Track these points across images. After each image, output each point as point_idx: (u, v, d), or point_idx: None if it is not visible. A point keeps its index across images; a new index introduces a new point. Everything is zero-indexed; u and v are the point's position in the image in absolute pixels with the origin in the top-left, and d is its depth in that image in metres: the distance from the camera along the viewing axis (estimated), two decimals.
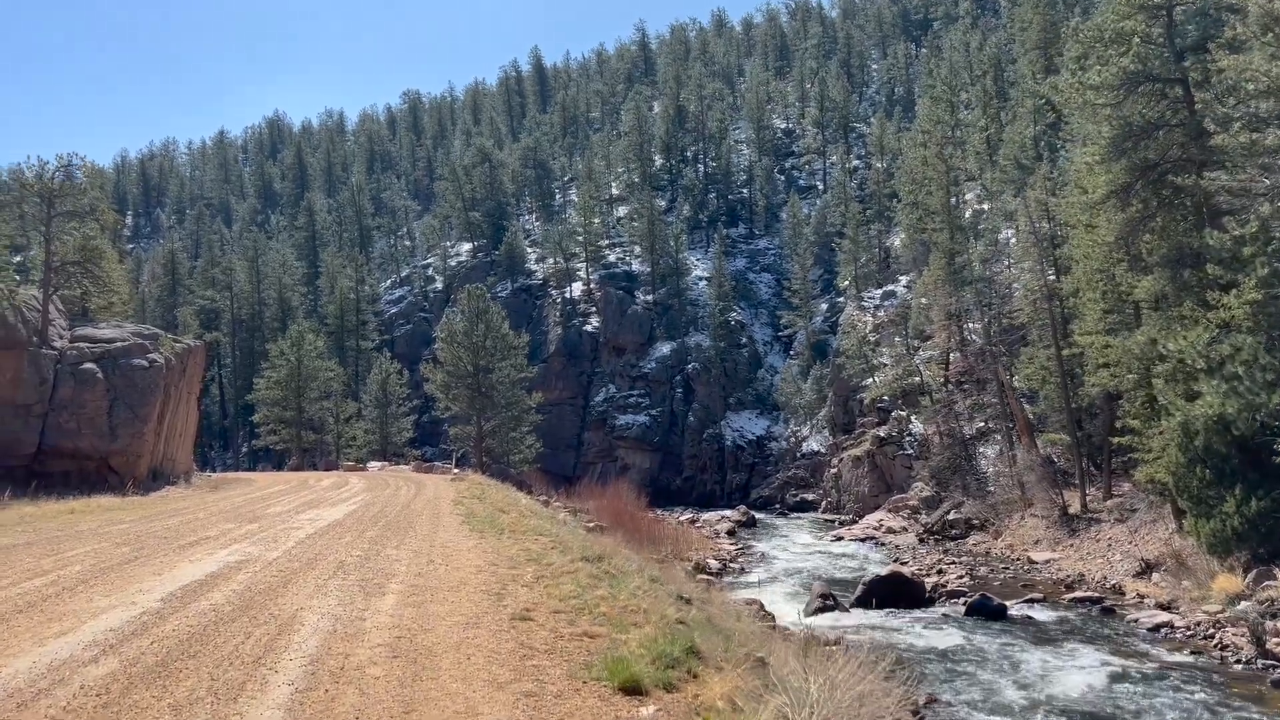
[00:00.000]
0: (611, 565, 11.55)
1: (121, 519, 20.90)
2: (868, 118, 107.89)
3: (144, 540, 14.96)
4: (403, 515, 20.58)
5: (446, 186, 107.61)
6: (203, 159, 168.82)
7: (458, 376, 59.43)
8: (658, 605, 9.24)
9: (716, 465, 75.51)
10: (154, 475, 40.03)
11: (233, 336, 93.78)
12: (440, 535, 15.91)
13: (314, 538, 15.53)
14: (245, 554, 13.21)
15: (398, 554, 13.50)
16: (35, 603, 9.26)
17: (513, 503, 25.68)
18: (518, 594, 10.03)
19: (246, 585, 10.49)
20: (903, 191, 69.16)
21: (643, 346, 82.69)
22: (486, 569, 11.88)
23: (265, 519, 19.59)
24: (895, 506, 47.79)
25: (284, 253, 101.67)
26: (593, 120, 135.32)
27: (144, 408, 37.80)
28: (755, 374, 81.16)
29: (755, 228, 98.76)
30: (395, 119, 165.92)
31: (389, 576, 11.33)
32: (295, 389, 67.89)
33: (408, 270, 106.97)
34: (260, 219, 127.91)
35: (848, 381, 59.99)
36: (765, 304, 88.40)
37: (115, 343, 38.96)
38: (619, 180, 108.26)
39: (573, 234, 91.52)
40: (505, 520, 18.83)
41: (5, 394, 34.80)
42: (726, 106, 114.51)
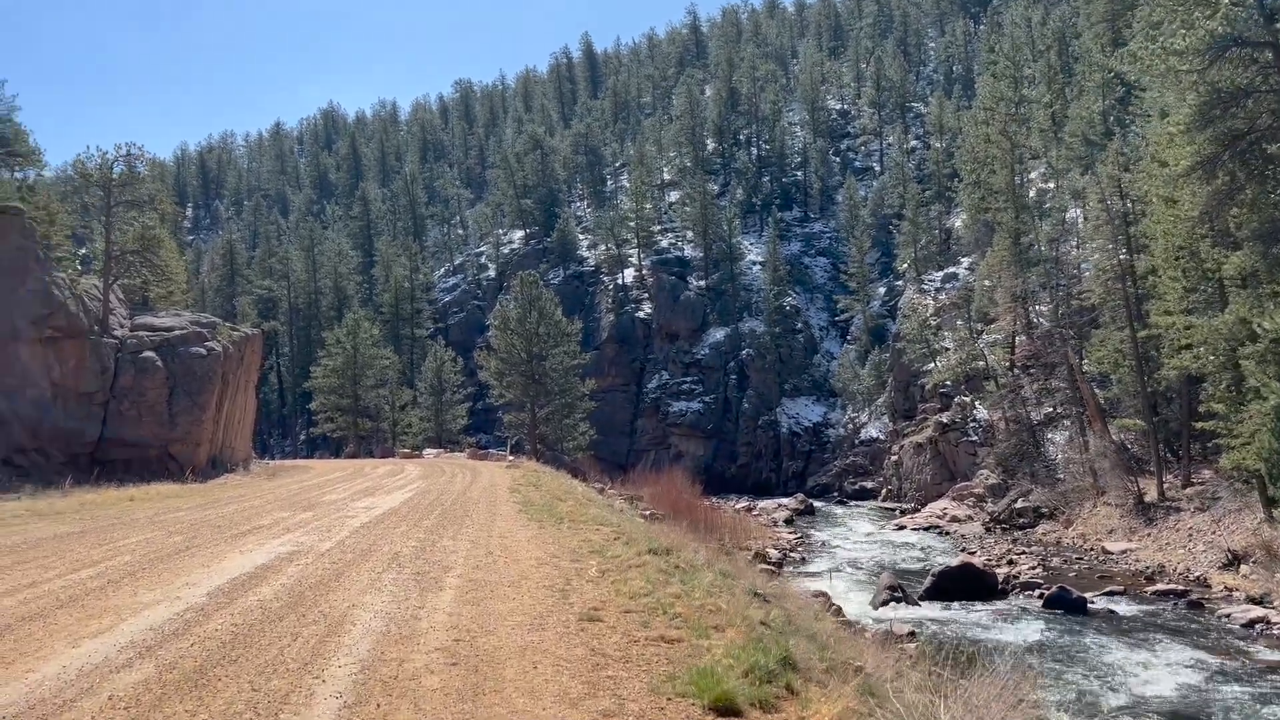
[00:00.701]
0: (680, 559, 10.85)
1: (178, 506, 20.76)
2: (925, 97, 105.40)
3: (197, 529, 14.64)
4: (459, 503, 20.13)
5: (498, 174, 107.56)
6: (259, 151, 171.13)
7: (511, 364, 59.23)
8: (736, 605, 8.52)
9: (772, 452, 74.49)
10: (213, 463, 40.34)
11: (290, 325, 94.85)
12: (498, 525, 15.35)
13: (368, 527, 15.09)
14: (297, 544, 12.77)
15: (454, 545, 12.94)
16: (78, 597, 8.87)
17: (569, 490, 25.14)
18: (583, 590, 9.38)
19: (296, 579, 10.00)
20: (964, 171, 67.25)
21: (696, 333, 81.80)
22: (548, 562, 11.29)
23: (320, 507, 19.27)
24: (959, 494, 46.47)
25: (339, 242, 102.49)
26: (644, 105, 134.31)
27: (202, 396, 38.02)
28: (811, 360, 79.87)
29: (810, 211, 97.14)
30: (448, 108, 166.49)
31: (446, 570, 10.77)
32: (351, 377, 68.32)
33: (461, 258, 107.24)
34: (316, 209, 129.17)
35: (908, 366, 58.55)
36: (821, 288, 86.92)
37: (174, 331, 39.26)
38: (670, 165, 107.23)
39: (624, 220, 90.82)
40: (563, 509, 18.26)
41: (69, 383, 35.18)
42: (780, 88, 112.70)
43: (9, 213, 34.45)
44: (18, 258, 34.30)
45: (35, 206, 37.86)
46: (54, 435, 35.00)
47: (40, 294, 34.50)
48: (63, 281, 35.82)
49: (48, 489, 28.92)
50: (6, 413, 33.33)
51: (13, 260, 34.15)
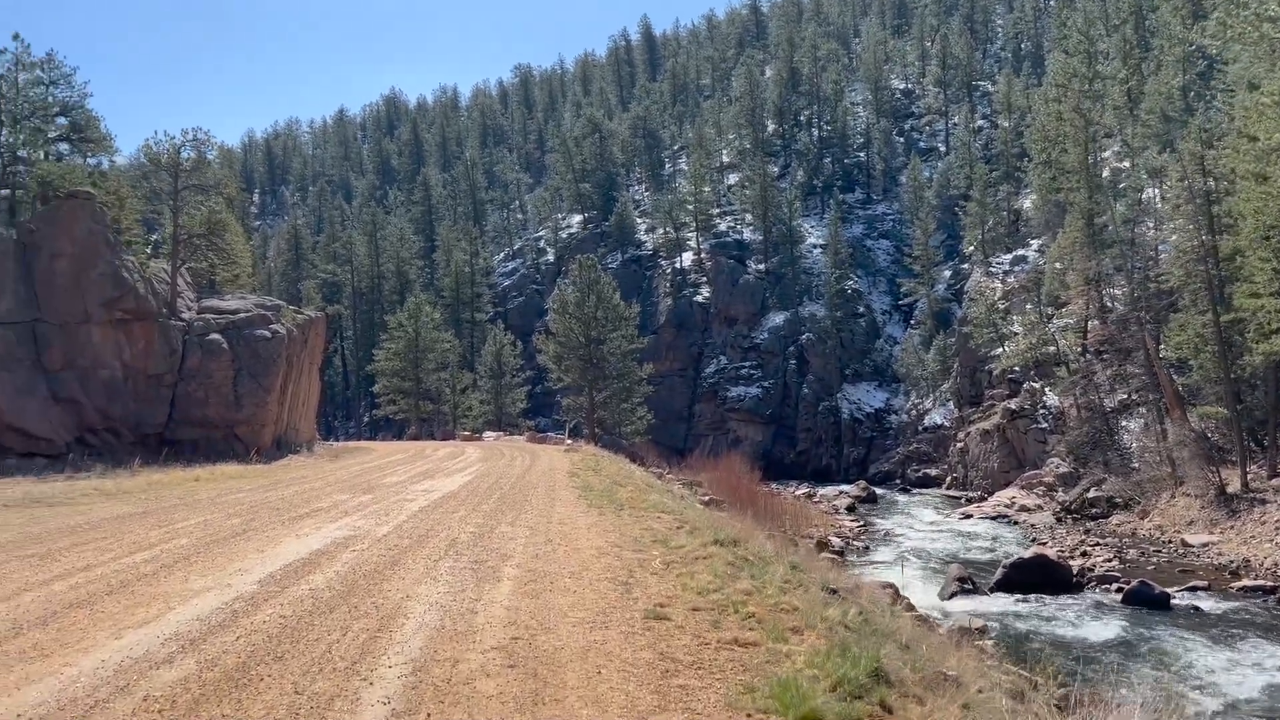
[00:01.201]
0: (749, 550, 10.36)
1: (240, 488, 20.87)
2: (993, 75, 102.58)
3: (256, 511, 14.56)
4: (517, 487, 19.89)
5: (557, 158, 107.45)
6: (324, 137, 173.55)
7: (570, 348, 59.14)
8: (812, 603, 7.99)
9: (832, 439, 73.41)
10: (278, 444, 40.84)
11: (354, 309, 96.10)
12: (557, 510, 15.02)
13: (427, 511, 14.87)
14: (354, 529, 12.57)
15: (513, 531, 12.62)
16: (129, 582, 8.71)
17: (628, 475, 24.78)
18: (647, 584, 8.93)
19: (351, 566, 9.74)
20: (1034, 150, 65.20)
21: (755, 317, 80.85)
22: (609, 551, 10.90)
23: (379, 489, 19.17)
24: (1028, 483, 45.15)
25: (401, 227, 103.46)
26: (703, 87, 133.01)
27: (267, 377, 38.45)
28: (873, 344, 78.47)
29: (873, 192, 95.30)
30: (507, 93, 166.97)
31: (504, 558, 10.45)
32: (413, 360, 68.93)
33: (520, 243, 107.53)
34: (379, 195, 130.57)
35: (975, 351, 57.04)
36: (883, 272, 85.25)
37: (239, 314, 39.73)
38: (730, 147, 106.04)
39: (683, 203, 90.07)
40: (623, 494, 17.88)
41: (138, 364, 35.81)
42: (842, 68, 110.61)
43: (80, 197, 35.11)
44: (88, 242, 34.96)
45: (106, 192, 38.55)
46: (124, 416, 35.71)
47: (110, 277, 35.14)
48: (132, 265, 36.43)
49: (117, 469, 29.48)
50: (79, 394, 34.07)
51: (84, 244, 34.82)
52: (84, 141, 41.45)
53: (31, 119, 38.91)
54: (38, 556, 9.97)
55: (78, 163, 40.37)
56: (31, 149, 37.64)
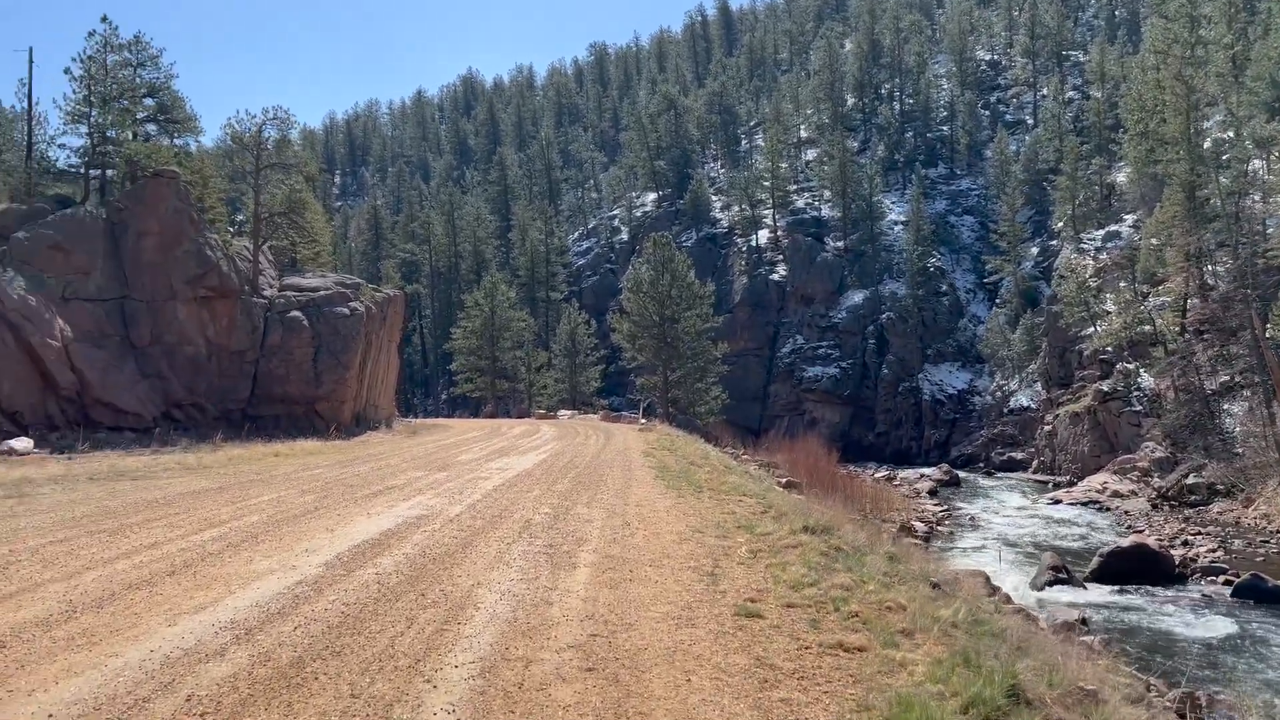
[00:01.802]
0: (840, 539, 9.66)
1: (317, 464, 20.87)
2: (1084, 44, 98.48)
3: (330, 488, 14.37)
4: (593, 467, 19.46)
5: (632, 136, 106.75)
6: (402, 118, 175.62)
7: (644, 326, 58.69)
8: (919, 601, 7.25)
9: (913, 420, 71.69)
10: (357, 420, 41.28)
11: (432, 288, 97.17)
12: (634, 491, 14.50)
13: (501, 490, 14.51)
14: (427, 508, 12.22)
15: (589, 513, 12.14)
16: (192, 562, 8.44)
17: (704, 456, 24.20)
18: (734, 575, 8.32)
19: (421, 549, 9.36)
20: (1129, 121, 62.28)
21: (832, 295, 79.25)
22: (690, 536, 10.33)
23: (454, 467, 18.94)
24: (1121, 468, 43.25)
25: (478, 206, 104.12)
26: (780, 62, 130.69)
27: (346, 354, 38.80)
28: (956, 324, 76.25)
29: (956, 167, 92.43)
30: (582, 72, 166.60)
31: (580, 542, 9.99)
32: (489, 338, 69.34)
33: (594, 221, 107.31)
34: (456, 174, 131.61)
35: (1065, 331, 54.84)
36: (967, 249, 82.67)
37: (319, 291, 40.13)
38: (807, 123, 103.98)
39: (759, 180, 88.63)
40: (700, 476, 17.29)
41: (222, 341, 36.44)
42: (925, 40, 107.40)
43: (165, 176, 35.73)
44: (174, 220, 35.60)
45: (190, 171, 39.20)
46: (209, 391, 36.41)
47: (195, 255, 35.78)
48: (215, 243, 37.03)
49: (201, 444, 30.00)
50: (165, 369, 34.80)
51: (169, 222, 35.47)
52: (170, 122, 42.23)
53: (120, 100, 39.69)
54: (108, 532, 9.83)
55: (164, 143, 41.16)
56: (120, 129, 38.38)
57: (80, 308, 32.73)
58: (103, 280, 34.07)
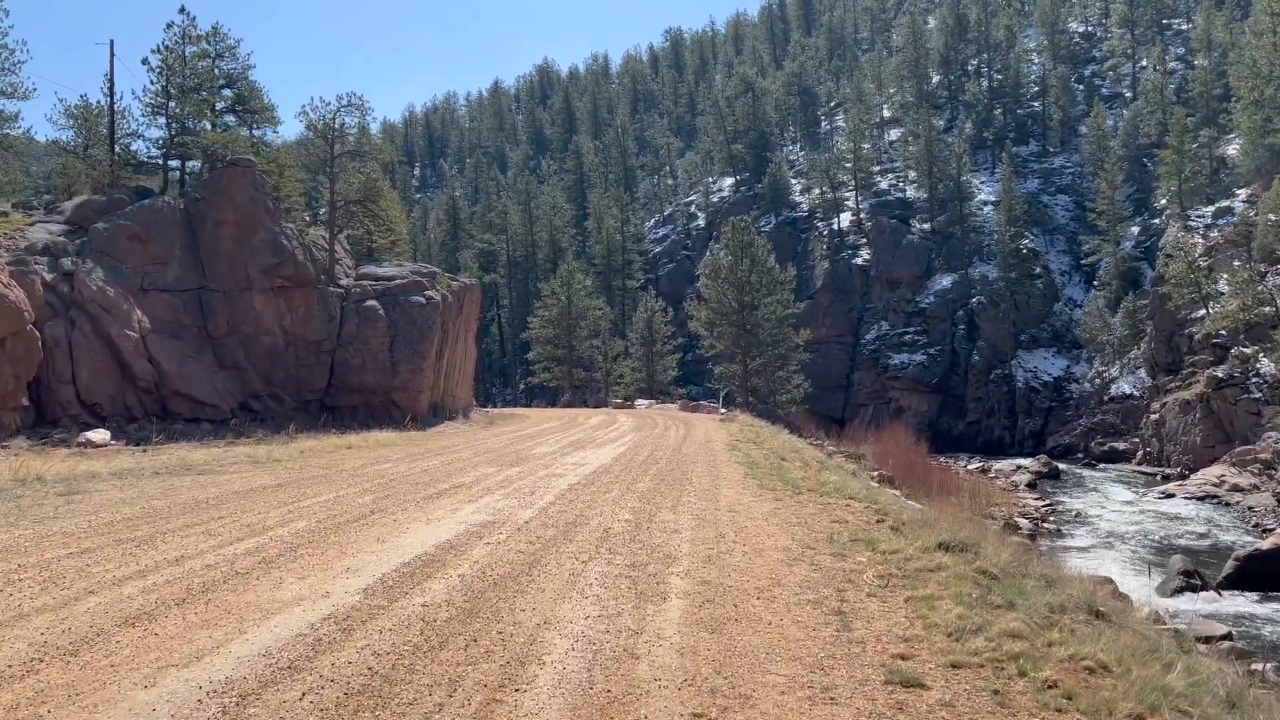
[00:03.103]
0: (985, 559, 8.10)
1: (388, 456, 20.01)
2: (1187, 13, 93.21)
3: (393, 487, 13.33)
4: (675, 461, 18.14)
5: (708, 121, 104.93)
6: (479, 109, 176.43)
7: (722, 313, 57.17)
8: (1122, 654, 5.56)
9: (1006, 409, 68.68)
10: (434, 410, 40.74)
11: (509, 278, 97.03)
12: (724, 492, 13.08)
13: (576, 489, 13.26)
14: (494, 511, 11.02)
15: (675, 519, 10.76)
16: (212, 585, 7.26)
17: (793, 449, 22.69)
18: (868, 613, 6.78)
19: (481, 568, 8.11)
20: (1241, 89, 58.40)
21: (919, 279, 76.45)
22: (800, 554, 8.86)
23: (529, 461, 17.83)
24: (1240, 460, 40.24)
25: (554, 196, 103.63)
26: (861, 41, 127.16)
27: (423, 344, 38.22)
28: (1051, 308, 72.78)
29: (1049, 144, 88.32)
30: (657, 58, 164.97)
31: (668, 561, 8.60)
32: (566, 327, 68.66)
33: (670, 208, 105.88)
34: (532, 164, 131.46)
35: (1173, 313, 51.51)
36: (1062, 229, 78.87)
37: (395, 280, 39.65)
38: (890, 102, 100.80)
39: (840, 161, 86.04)
40: (794, 473, 15.82)
41: (298, 330, 36.16)
42: (1014, 12, 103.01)
43: (240, 165, 35.54)
44: (249, 209, 35.39)
45: (266, 160, 39.05)
46: (286, 381, 36.19)
47: (270, 244, 35.53)
48: (291, 232, 36.75)
49: (276, 435, 29.64)
50: (242, 360, 34.64)
51: (245, 212, 35.27)
52: (248, 113, 42.16)
53: (198, 91, 39.70)
54: (137, 541, 8.77)
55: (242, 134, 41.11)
56: (197, 120, 38.38)
57: (158, 298, 32.69)
58: (180, 270, 34.02)
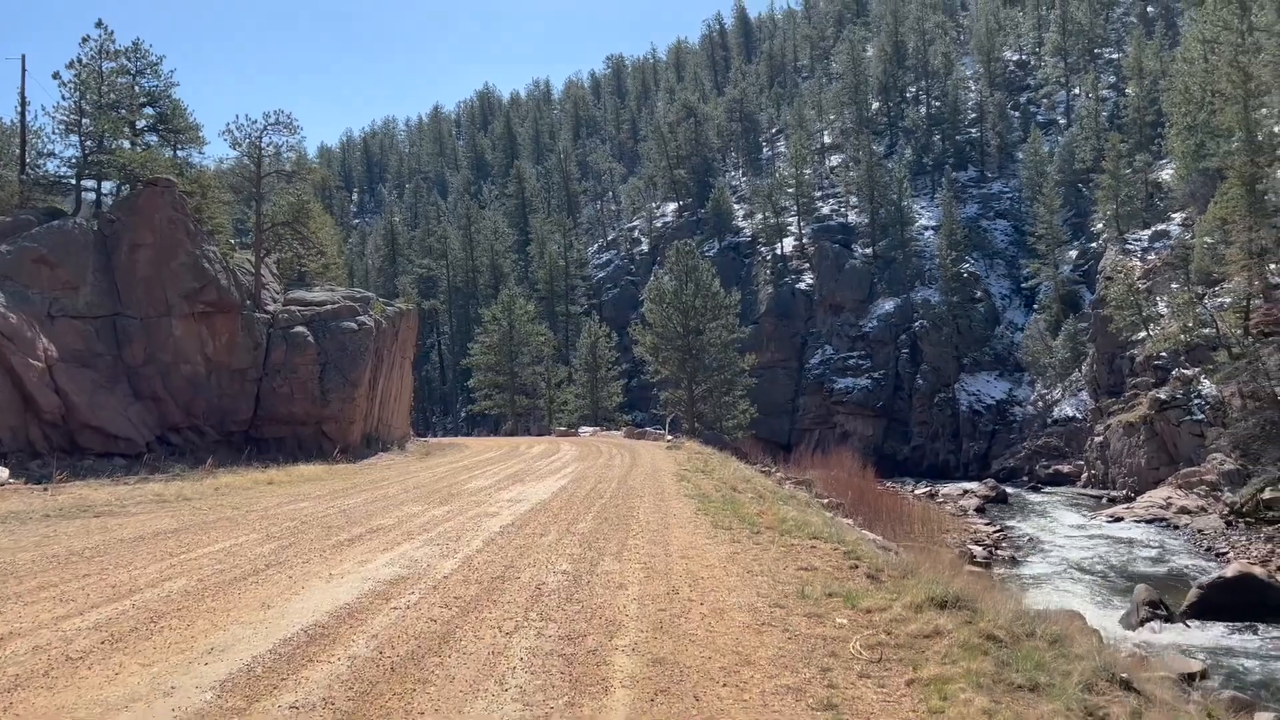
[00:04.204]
0: (987, 619, 6.91)
1: (309, 494, 18.47)
2: (1116, 42, 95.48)
3: (303, 531, 11.88)
4: (620, 495, 16.90)
5: (651, 146, 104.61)
6: (419, 134, 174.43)
7: (667, 338, 56.30)
8: None
9: (950, 433, 68.65)
10: (368, 441, 39.04)
11: (449, 304, 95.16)
12: (674, 533, 11.78)
13: (509, 532, 11.92)
14: (409, 563, 9.58)
15: (621, 570, 9.41)
16: (25, 679, 5.62)
17: (744, 479, 21.58)
18: (866, 704, 5.51)
19: (379, 646, 6.68)
20: (1174, 115, 59.39)
21: (862, 304, 76.46)
22: (767, 615, 7.56)
23: (460, 498, 16.44)
24: (1186, 482, 40.24)
25: (495, 220, 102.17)
26: (801, 68, 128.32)
27: (355, 372, 36.56)
28: (993, 331, 73.21)
29: (987, 170, 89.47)
30: (599, 84, 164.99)
31: (612, 630, 7.27)
32: (508, 354, 67.13)
33: (614, 233, 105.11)
34: (473, 189, 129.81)
35: (1114, 336, 51.79)
36: (1001, 253, 79.63)
37: (326, 306, 37.92)
38: (831, 128, 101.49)
39: (783, 186, 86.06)
40: (748, 506, 14.69)
41: (221, 358, 34.25)
42: (951, 41, 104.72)
43: (160, 185, 33.64)
44: (169, 231, 33.46)
45: (189, 180, 37.19)
46: (208, 412, 34.18)
47: (191, 268, 33.62)
48: (214, 255, 34.90)
49: (195, 470, 27.73)
50: (160, 390, 32.60)
51: (164, 234, 33.33)
52: (171, 132, 40.23)
53: (117, 109, 37.78)
54: None
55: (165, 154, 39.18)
56: (114, 138, 36.42)
57: (68, 325, 30.55)
58: (93, 296, 31.93)
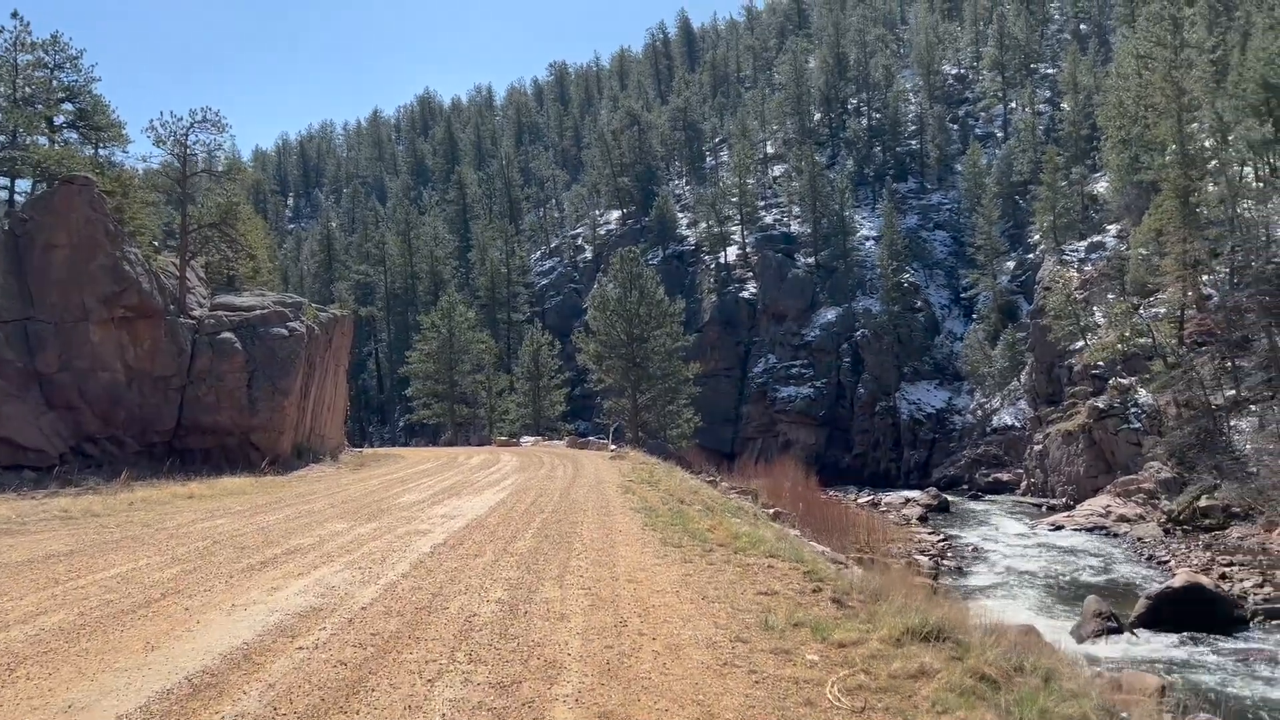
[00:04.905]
0: (975, 655, 6.21)
1: (229, 509, 17.29)
2: (1051, 58, 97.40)
3: (212, 553, 10.82)
4: (562, 510, 16.04)
5: (594, 154, 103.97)
6: (358, 139, 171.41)
7: (611, 346, 55.50)
8: None
9: (891, 441, 68.95)
10: (298, 452, 37.54)
11: (388, 311, 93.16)
12: (621, 552, 10.94)
13: (440, 553, 10.99)
14: (325, 590, 8.59)
15: (562, 597, 8.56)
16: None
17: (691, 490, 20.87)
18: None
19: (276, 697, 5.67)
20: (1109, 129, 60.48)
21: (805, 313, 76.56)
22: (729, 651, 6.73)
23: (390, 513, 15.43)
24: (1124, 490, 40.59)
25: (435, 226, 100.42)
26: (744, 79, 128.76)
27: (285, 380, 35.09)
28: (933, 340, 73.81)
29: (927, 181, 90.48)
30: (542, 91, 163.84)
31: (551, 675, 6.32)
32: (447, 362, 65.69)
33: (557, 241, 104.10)
34: (413, 195, 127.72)
35: (1053, 345, 52.35)
36: (941, 264, 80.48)
37: (255, 311, 36.40)
38: (774, 138, 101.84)
39: (726, 195, 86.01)
40: (698, 520, 13.94)
41: (143, 365, 32.59)
42: (891, 54, 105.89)
43: (77, 183, 31.92)
44: (87, 232, 31.73)
45: (110, 179, 35.45)
46: (128, 422, 32.47)
47: (110, 270, 31.91)
48: (135, 257, 33.21)
49: (111, 482, 26.18)
50: (76, 399, 30.85)
51: (81, 235, 31.60)
52: (92, 129, 38.40)
53: (33, 103, 35.95)
54: None
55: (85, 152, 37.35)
56: (26, 133, 34.56)
57: None
58: (2, 299, 30.13)
